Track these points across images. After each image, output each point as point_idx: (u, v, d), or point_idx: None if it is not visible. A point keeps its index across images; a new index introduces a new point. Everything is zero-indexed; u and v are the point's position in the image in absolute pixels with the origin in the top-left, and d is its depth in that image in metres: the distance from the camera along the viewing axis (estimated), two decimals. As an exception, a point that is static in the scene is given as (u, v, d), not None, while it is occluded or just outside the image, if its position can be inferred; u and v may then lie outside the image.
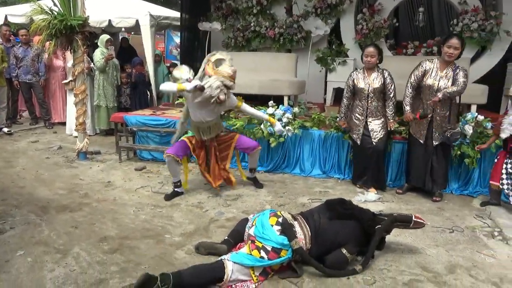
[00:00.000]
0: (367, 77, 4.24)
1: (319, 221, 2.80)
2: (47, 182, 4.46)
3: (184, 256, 2.92)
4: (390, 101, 4.23)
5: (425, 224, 3.00)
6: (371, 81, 4.21)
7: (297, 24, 7.10)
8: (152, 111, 6.05)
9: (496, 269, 2.87)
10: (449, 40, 3.87)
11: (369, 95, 4.23)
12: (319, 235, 2.74)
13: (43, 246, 2.99)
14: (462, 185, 4.51)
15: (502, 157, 3.84)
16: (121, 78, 6.94)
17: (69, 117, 6.93)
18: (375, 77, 4.21)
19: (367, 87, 4.21)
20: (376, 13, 6.86)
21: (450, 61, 3.92)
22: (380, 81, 4.19)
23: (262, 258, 2.56)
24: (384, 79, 4.19)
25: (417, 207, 4.02)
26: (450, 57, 3.86)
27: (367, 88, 4.21)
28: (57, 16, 4.82)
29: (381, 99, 4.26)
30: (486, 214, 3.86)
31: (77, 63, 5.14)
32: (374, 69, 4.23)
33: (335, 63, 6.56)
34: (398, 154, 4.67)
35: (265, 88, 5.89)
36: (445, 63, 3.96)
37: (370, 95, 4.22)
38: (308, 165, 5.01)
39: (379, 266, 2.85)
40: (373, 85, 4.19)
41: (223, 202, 4.01)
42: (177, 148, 4.02)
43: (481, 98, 5.41)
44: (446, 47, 3.87)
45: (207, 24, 7.29)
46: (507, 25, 6.28)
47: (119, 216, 3.58)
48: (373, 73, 4.23)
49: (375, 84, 4.19)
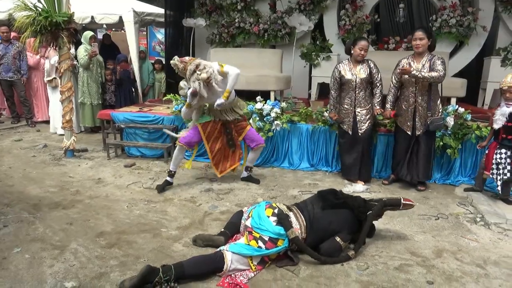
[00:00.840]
0: (354, 68, 4.37)
1: (313, 211, 2.90)
2: (37, 180, 4.43)
3: (182, 248, 2.97)
4: (377, 89, 4.39)
5: (414, 205, 3.13)
6: (358, 71, 4.34)
7: (281, 20, 7.19)
8: (139, 107, 6.04)
9: (480, 252, 3.04)
10: (414, 33, 4.15)
11: (356, 86, 4.35)
12: (314, 225, 2.84)
13: (40, 243, 2.99)
14: (444, 174, 4.70)
15: (492, 147, 3.99)
16: (105, 75, 6.88)
17: (52, 115, 6.85)
18: (361, 68, 4.35)
19: (355, 78, 4.33)
20: (358, 9, 7.02)
21: (421, 52, 4.11)
22: (366, 72, 4.33)
23: (260, 247, 2.64)
24: (370, 69, 4.34)
25: (403, 196, 4.13)
26: (418, 48, 4.09)
27: (354, 79, 4.33)
28: (41, 13, 4.76)
29: (368, 88, 4.41)
30: (468, 201, 4.05)
31: (63, 60, 5.09)
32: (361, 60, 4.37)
33: (319, 58, 6.69)
34: (383, 146, 4.82)
35: (251, 84, 5.96)
36: (419, 56, 4.16)
37: (358, 85, 4.35)
38: (296, 159, 5.12)
39: (371, 252, 2.98)
40: (360, 76, 4.32)
41: (215, 196, 4.07)
42: (191, 136, 4.16)
43: (460, 91, 5.63)
44: (413, 40, 4.13)
45: (191, 21, 7.29)
46: (483, 20, 6.53)
47: (114, 212, 3.60)
48: (359, 64, 4.36)
49: (362, 74, 4.33)
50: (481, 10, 6.51)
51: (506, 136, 3.87)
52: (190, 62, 3.83)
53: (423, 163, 4.26)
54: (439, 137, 4.48)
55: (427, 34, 4.06)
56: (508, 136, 3.85)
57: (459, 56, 6.83)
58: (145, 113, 5.59)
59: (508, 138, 3.85)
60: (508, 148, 3.85)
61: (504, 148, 3.87)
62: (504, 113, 3.84)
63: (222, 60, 6.49)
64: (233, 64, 6.33)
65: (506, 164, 3.83)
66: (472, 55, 6.77)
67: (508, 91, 3.81)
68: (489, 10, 6.56)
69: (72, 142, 5.29)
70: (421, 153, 4.26)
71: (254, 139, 4.27)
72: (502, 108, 3.88)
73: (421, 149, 4.25)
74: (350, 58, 4.42)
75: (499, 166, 3.88)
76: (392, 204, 3.09)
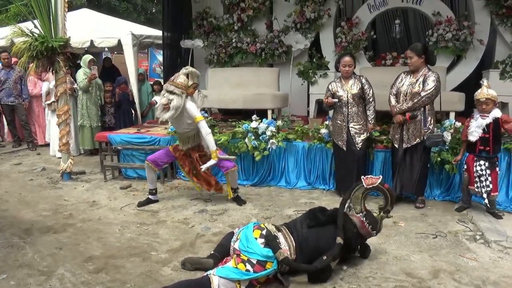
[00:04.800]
0: (345, 84, 4.38)
1: (302, 231, 2.85)
2: (31, 204, 4.41)
3: (170, 272, 2.91)
4: (370, 105, 4.37)
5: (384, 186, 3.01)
6: (349, 87, 4.34)
7: (277, 39, 7.23)
8: (137, 129, 6.05)
9: (479, 271, 2.93)
10: (406, 52, 4.23)
11: (348, 101, 4.34)
12: (303, 245, 2.77)
13: (27, 269, 2.95)
14: (444, 191, 4.59)
15: (470, 160, 3.97)
16: (104, 98, 6.94)
17: (52, 138, 6.89)
18: (352, 84, 4.35)
19: (346, 94, 4.33)
20: (354, 26, 7.04)
21: (413, 70, 4.14)
22: (358, 87, 4.33)
23: (248, 271, 2.57)
24: (362, 84, 4.33)
25: (401, 214, 4.08)
26: (409, 66, 4.17)
27: (345, 95, 4.33)
28: (38, 38, 4.84)
29: (360, 104, 4.39)
30: (468, 218, 3.94)
31: (59, 84, 5.15)
32: (351, 76, 4.37)
33: (317, 76, 6.69)
34: (380, 162, 4.75)
35: (249, 103, 5.96)
36: (415, 71, 4.16)
37: (350, 101, 4.34)
38: (293, 177, 5.06)
39: (365, 274, 2.88)
40: (351, 92, 4.32)
41: (209, 217, 4.01)
42: (157, 156, 4.30)
43: (458, 105, 5.55)
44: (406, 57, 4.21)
45: (189, 42, 7.35)
46: (480, 34, 6.50)
47: (104, 236, 3.55)
48: (350, 80, 4.37)
49: (353, 90, 4.32)
50: (477, 24, 6.50)
51: (484, 147, 3.86)
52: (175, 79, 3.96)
53: (408, 176, 4.22)
54: (436, 152, 4.40)
55: (416, 52, 4.05)
56: (486, 148, 3.85)
57: (457, 70, 6.78)
58: (142, 134, 5.59)
59: (486, 149, 3.86)
60: (486, 159, 3.85)
61: (482, 159, 3.87)
62: (480, 125, 3.85)
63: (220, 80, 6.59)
64: (230, 83, 6.47)
65: (487, 175, 3.83)
66: (470, 69, 6.72)
67: (485, 102, 3.82)
68: (486, 24, 6.54)
69: (69, 164, 5.30)
70: (407, 167, 4.22)
71: (223, 166, 4.19)
72: (478, 120, 3.88)
73: (407, 162, 4.22)
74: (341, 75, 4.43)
75: (481, 178, 3.86)
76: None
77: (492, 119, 3.82)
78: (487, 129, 3.83)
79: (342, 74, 4.38)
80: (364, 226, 2.94)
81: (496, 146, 3.88)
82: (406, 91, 4.15)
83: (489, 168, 3.84)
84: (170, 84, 3.94)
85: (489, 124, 3.83)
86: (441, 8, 6.75)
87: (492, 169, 3.85)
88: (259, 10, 7.38)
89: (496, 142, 3.87)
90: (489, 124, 3.83)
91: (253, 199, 4.54)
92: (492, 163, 3.86)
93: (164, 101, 3.90)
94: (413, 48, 4.10)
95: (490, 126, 3.83)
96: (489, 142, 3.84)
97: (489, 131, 3.83)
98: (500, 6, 6.32)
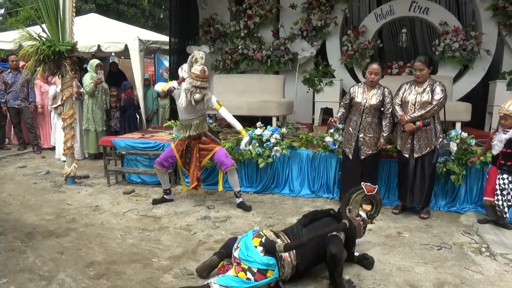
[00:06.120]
0: (366, 92, 4.26)
1: (298, 232, 2.87)
2: (34, 207, 4.41)
3: (171, 280, 2.88)
4: (386, 120, 4.24)
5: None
6: (369, 97, 4.23)
7: (284, 46, 7.24)
8: (141, 134, 6.06)
9: (484, 285, 2.88)
10: (414, 63, 4.19)
11: (364, 111, 4.25)
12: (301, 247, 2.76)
13: (28, 273, 2.93)
14: (449, 201, 4.55)
15: (493, 172, 3.89)
16: (110, 102, 6.97)
17: (58, 141, 6.91)
18: (374, 94, 4.23)
19: (364, 102, 4.23)
20: (361, 35, 7.04)
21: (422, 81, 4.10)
22: (378, 98, 4.21)
23: (249, 279, 2.55)
24: (384, 97, 4.22)
25: (405, 224, 4.04)
26: (418, 78, 4.11)
27: (363, 103, 4.24)
28: (45, 42, 4.87)
29: (376, 116, 4.27)
30: (474, 230, 3.89)
31: (65, 87, 5.17)
32: (375, 85, 4.26)
33: (322, 83, 6.68)
34: (385, 172, 4.71)
35: (254, 109, 5.95)
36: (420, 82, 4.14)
37: (366, 110, 4.24)
38: (297, 185, 5.03)
39: (368, 285, 2.85)
40: (370, 101, 4.21)
41: (211, 224, 3.99)
42: (162, 157, 4.45)
43: (465, 115, 5.52)
44: (414, 70, 4.17)
45: (196, 48, 7.39)
46: (487, 44, 6.48)
47: (106, 241, 3.54)
48: (373, 89, 4.25)
49: (373, 100, 4.21)
50: (484, 34, 6.48)
51: (505, 162, 3.80)
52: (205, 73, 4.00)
53: (419, 186, 4.17)
54: (442, 163, 4.36)
55: (426, 64, 4.02)
56: (508, 162, 3.78)
57: (464, 80, 6.75)
58: (146, 139, 5.60)
59: (507, 164, 3.78)
60: (509, 173, 3.78)
61: (505, 173, 3.79)
62: (501, 140, 3.79)
63: (225, 86, 6.59)
64: (235, 90, 6.46)
65: (509, 189, 3.75)
66: (477, 79, 6.69)
67: (503, 117, 3.77)
68: (493, 34, 6.53)
69: (73, 168, 5.31)
70: (418, 177, 4.17)
71: (222, 162, 4.27)
72: (499, 134, 3.82)
73: (418, 172, 4.17)
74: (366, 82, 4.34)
75: (503, 192, 3.77)
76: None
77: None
78: (507, 144, 3.76)
79: (367, 82, 4.26)
80: (360, 229, 3.08)
81: None
82: (414, 101, 4.09)
83: (511, 182, 3.77)
84: (204, 80, 3.99)
85: (510, 140, 3.75)
86: (448, 18, 6.74)
87: None
88: (265, 17, 7.42)
89: None
90: (510, 139, 3.75)
91: (256, 206, 4.51)
92: None
93: (199, 97, 3.98)
94: (421, 60, 4.05)
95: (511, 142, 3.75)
96: (510, 158, 3.76)
97: (510, 146, 3.76)
98: (507, 16, 6.32)
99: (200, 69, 3.96)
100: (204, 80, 4.00)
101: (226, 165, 4.25)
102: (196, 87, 3.96)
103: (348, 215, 2.98)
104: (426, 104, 4.02)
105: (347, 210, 3.01)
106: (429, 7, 6.80)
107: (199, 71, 3.96)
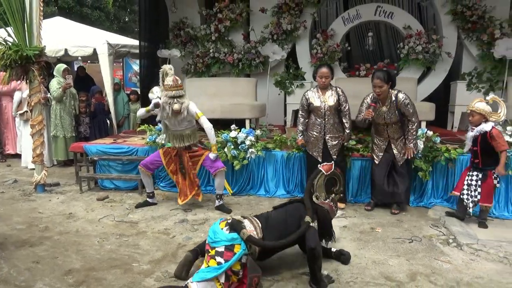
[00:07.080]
0: (322, 95, 4.40)
1: (268, 214, 3.08)
2: (4, 217, 4.26)
3: (153, 283, 2.89)
4: (346, 119, 4.41)
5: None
6: (326, 99, 4.37)
7: (255, 49, 7.34)
8: (113, 139, 5.97)
9: (453, 273, 3.06)
10: (373, 79, 4.12)
11: (325, 113, 4.38)
12: (269, 222, 2.93)
13: (3, 285, 2.85)
14: (417, 197, 4.76)
15: (466, 170, 4.10)
16: (79, 108, 6.82)
17: (24, 149, 6.69)
18: (329, 95, 4.38)
19: (323, 105, 4.36)
20: (329, 38, 7.24)
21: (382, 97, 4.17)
22: (334, 99, 4.36)
23: (220, 263, 2.61)
24: (339, 96, 4.38)
25: (378, 220, 4.20)
26: (379, 95, 4.13)
27: (323, 106, 4.37)
28: (12, 47, 4.73)
29: (336, 116, 4.43)
30: (441, 223, 4.10)
31: (33, 93, 5.03)
32: (327, 88, 4.40)
33: (293, 86, 6.83)
34: (357, 170, 4.87)
35: (227, 112, 6.00)
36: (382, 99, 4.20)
37: (327, 112, 4.38)
38: (272, 186, 5.11)
39: (346, 279, 2.96)
40: (328, 103, 4.35)
41: (190, 227, 4.00)
42: (148, 160, 4.46)
43: (429, 114, 5.79)
44: (373, 86, 4.14)
45: (166, 52, 7.37)
46: (447, 47, 6.84)
47: (83, 248, 3.48)
48: (327, 91, 4.40)
49: (330, 101, 4.35)
50: (445, 37, 6.82)
51: (473, 159, 3.98)
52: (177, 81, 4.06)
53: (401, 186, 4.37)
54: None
55: (385, 80, 4.06)
56: (475, 160, 3.94)
57: (427, 81, 7.08)
58: (118, 144, 5.52)
59: (475, 161, 3.95)
60: (479, 170, 3.92)
61: (476, 170, 3.95)
62: (469, 138, 3.96)
63: (198, 90, 6.59)
64: (208, 93, 6.48)
65: (476, 186, 3.91)
66: (439, 80, 7.04)
67: (471, 114, 3.90)
68: (453, 37, 6.89)
69: (43, 176, 5.16)
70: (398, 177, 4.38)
71: (212, 165, 4.34)
72: (468, 132, 4.00)
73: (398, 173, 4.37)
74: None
75: (470, 187, 3.95)
76: None
77: (479, 133, 3.83)
78: (475, 142, 3.88)
79: (319, 85, 4.41)
80: (332, 210, 3.21)
81: (486, 160, 3.85)
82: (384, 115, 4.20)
83: (480, 180, 3.87)
84: (178, 89, 4.03)
85: (477, 138, 3.86)
86: (412, 22, 7.06)
87: (484, 180, 3.86)
88: (236, 21, 7.48)
89: (486, 155, 3.84)
90: (477, 137, 3.85)
91: (233, 208, 4.55)
92: (484, 175, 3.87)
93: (177, 107, 4.00)
94: (380, 76, 4.05)
95: (478, 140, 3.86)
96: (478, 155, 3.88)
97: (477, 144, 3.87)
98: (466, 21, 6.68)
99: (172, 79, 4.03)
100: (179, 88, 4.05)
101: (216, 167, 4.30)
102: (172, 97, 4.01)
103: (317, 202, 3.12)
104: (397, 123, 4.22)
105: (314, 198, 3.12)
106: (394, 11, 7.10)
107: (171, 81, 4.03)
